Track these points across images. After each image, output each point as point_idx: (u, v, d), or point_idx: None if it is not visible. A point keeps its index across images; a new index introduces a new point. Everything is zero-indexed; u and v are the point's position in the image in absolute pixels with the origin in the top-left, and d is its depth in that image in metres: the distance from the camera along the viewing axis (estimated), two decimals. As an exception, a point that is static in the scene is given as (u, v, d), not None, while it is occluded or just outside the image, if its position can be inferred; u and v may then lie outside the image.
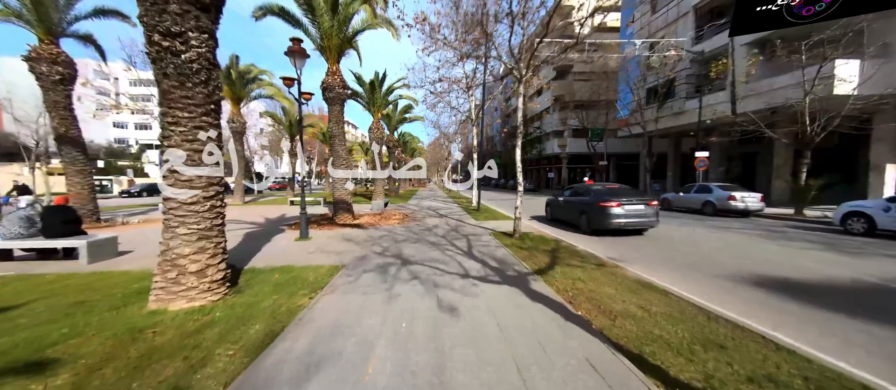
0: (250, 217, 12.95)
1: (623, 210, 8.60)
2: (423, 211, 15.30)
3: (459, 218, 12.54)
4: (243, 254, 6.49)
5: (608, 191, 9.48)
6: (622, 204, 8.63)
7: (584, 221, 9.45)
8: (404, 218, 12.43)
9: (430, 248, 7.00)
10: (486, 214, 13.47)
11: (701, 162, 16.91)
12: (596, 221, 8.94)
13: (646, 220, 8.78)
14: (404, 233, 8.92)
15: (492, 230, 9.46)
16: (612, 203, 8.65)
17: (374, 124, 21.08)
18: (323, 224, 10.65)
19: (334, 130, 11.59)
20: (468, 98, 16.93)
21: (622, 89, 23.31)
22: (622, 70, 22.86)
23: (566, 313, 3.65)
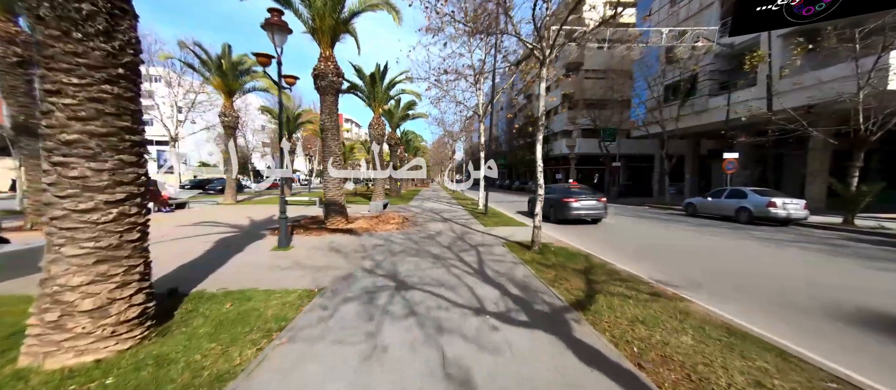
0: (233, 218, 11.73)
1: (579, 204, 11.15)
2: (426, 213, 14.02)
3: (465, 223, 11.24)
4: (199, 269, 5.23)
5: (569, 190, 12.07)
6: (579, 199, 11.22)
7: (552, 213, 11.64)
8: (404, 222, 11.15)
9: (432, 265, 5.70)
10: (495, 219, 12.16)
11: (730, 164, 15.49)
12: (560, 213, 11.38)
13: (596, 212, 11.31)
14: (402, 243, 7.64)
15: (504, 239, 8.15)
16: (571, 199, 11.22)
17: (374, 120, 19.85)
18: (311, 228, 9.40)
19: (327, 123, 10.33)
20: (475, 92, 15.64)
21: (639, 85, 21.88)
22: (640, 64, 21.42)
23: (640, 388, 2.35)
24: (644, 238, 9.22)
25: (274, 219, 11.84)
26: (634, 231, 10.49)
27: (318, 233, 8.79)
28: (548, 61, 6.54)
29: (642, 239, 9.10)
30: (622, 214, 15.09)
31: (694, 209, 14.61)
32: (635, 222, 12.48)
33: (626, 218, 13.70)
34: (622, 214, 15.09)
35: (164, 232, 8.83)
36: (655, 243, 8.47)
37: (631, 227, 11.23)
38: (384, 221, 11.10)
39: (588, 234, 9.56)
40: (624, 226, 11.56)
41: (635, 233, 10.15)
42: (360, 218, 11.73)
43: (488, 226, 10.32)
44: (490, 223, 11.07)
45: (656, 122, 19.79)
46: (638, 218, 13.77)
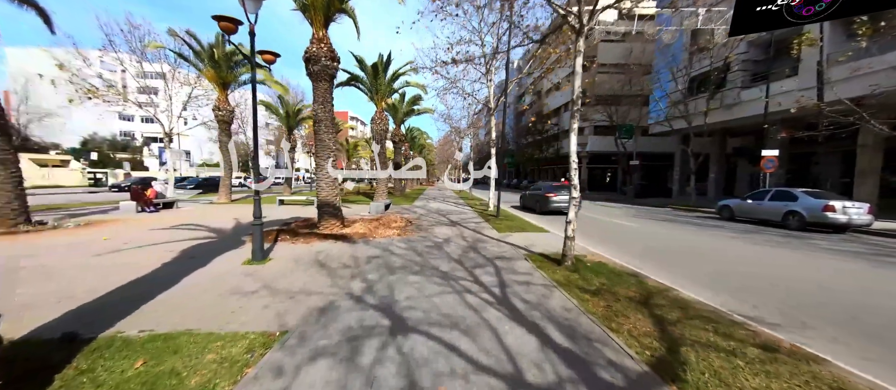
0: (220, 220, 10.57)
1: (558, 198, 13.50)
2: (431, 216, 12.74)
3: (476, 227, 9.93)
4: (136, 295, 4.00)
5: (551, 187, 14.73)
6: (558, 194, 13.65)
7: (537, 206, 14.50)
8: (407, 226, 9.89)
9: (440, 289, 4.41)
10: (509, 223, 10.83)
11: (769, 162, 13.95)
12: (543, 206, 14.09)
13: (567, 202, 14.29)
14: (403, 254, 6.36)
15: (525, 250, 6.82)
16: (552, 194, 13.76)
17: (376, 115, 18.61)
18: (300, 233, 8.17)
19: (320, 113, 9.10)
20: (486, 82, 14.30)
21: (662, 77, 20.28)
22: (663, 54, 19.84)
23: None
24: (687, 248, 7.82)
25: (266, 222, 10.68)
26: (671, 239, 9.09)
27: (307, 239, 7.56)
28: (585, 30, 5.20)
29: (686, 250, 7.70)
30: (647, 217, 13.65)
31: (730, 212, 13.11)
32: (666, 227, 11.05)
33: (654, 222, 12.27)
34: (647, 217, 13.65)
35: (130, 237, 7.68)
36: (706, 255, 7.08)
37: (664, 233, 9.82)
38: (385, 225, 9.84)
39: (617, 242, 8.19)
40: (656, 232, 10.16)
41: (673, 241, 8.75)
42: (358, 220, 10.50)
43: (503, 232, 9.00)
44: (503, 228, 9.74)
45: (682, 117, 18.22)
46: (667, 222, 12.33)
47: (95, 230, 8.72)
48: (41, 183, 30.96)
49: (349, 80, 17.62)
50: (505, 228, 9.64)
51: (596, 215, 14.10)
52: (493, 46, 13.13)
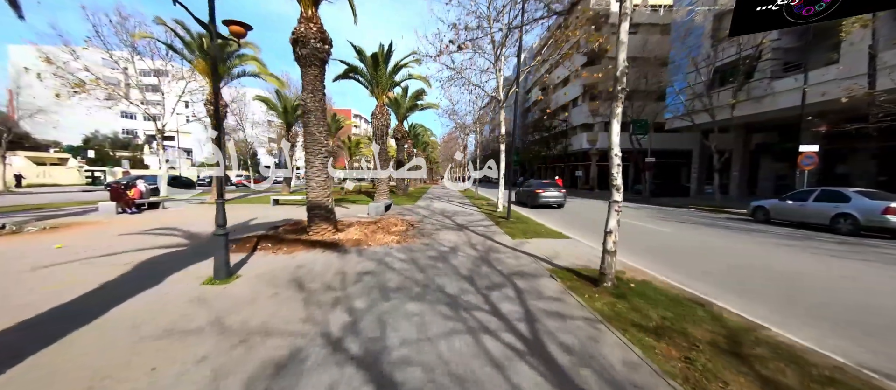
0: (203, 223, 9.56)
1: (546, 194, 15.81)
2: (435, 217, 11.63)
3: (486, 232, 8.81)
4: (38, 333, 2.95)
5: (541, 183, 16.64)
6: (546, 191, 15.88)
7: (529, 201, 16.16)
8: (408, 230, 8.80)
9: (446, 327, 3.31)
10: (523, 226, 9.69)
11: (807, 159, 12.65)
12: (533, 200, 15.99)
13: (558, 200, 15.91)
14: (402, 268, 5.27)
15: (548, 263, 5.69)
16: (541, 191, 15.90)
17: (377, 110, 17.51)
18: (285, 240, 7.11)
19: (309, 103, 8.02)
20: (495, 72, 13.14)
21: (682, 65, 18.91)
22: (682, 46, 18.50)
23: None
24: (740, 260, 6.63)
25: (252, 224, 9.68)
26: (713, 247, 7.91)
27: (291, 248, 6.49)
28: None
29: (739, 262, 6.52)
30: (672, 219, 12.42)
31: (765, 214, 11.84)
32: (700, 232, 9.86)
33: (683, 226, 11.06)
34: (672, 219, 12.42)
35: (91, 244, 6.67)
36: (769, 271, 5.90)
37: (701, 240, 8.64)
38: (383, 229, 8.77)
39: (653, 251, 7.03)
40: (691, 238, 8.97)
41: (717, 250, 7.57)
42: (354, 224, 9.43)
43: (517, 239, 7.86)
44: (517, 233, 8.61)
45: (705, 110, 16.91)
46: (697, 225, 11.12)
47: (59, 235, 7.73)
48: (37, 181, 30.36)
49: (347, 72, 16.54)
50: (519, 233, 8.50)
51: (625, 220, 12.92)
52: (503, 32, 11.95)
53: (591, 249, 6.84)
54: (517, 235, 8.26)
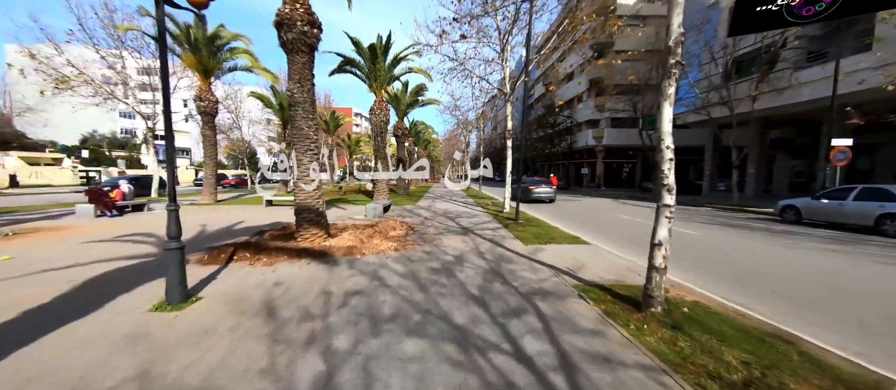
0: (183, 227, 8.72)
1: (538, 190, 17.81)
2: (437, 219, 10.76)
3: (495, 237, 7.92)
4: None
5: (533, 180, 19.21)
6: (538, 187, 17.91)
7: (522, 196, 16.09)
8: (407, 235, 7.93)
9: (456, 382, 2.44)
10: (534, 229, 8.80)
11: (840, 154, 11.69)
12: (525, 196, 17.27)
13: (549, 195, 17.98)
14: (399, 286, 4.40)
15: (572, 277, 4.81)
16: (534, 187, 17.92)
17: (375, 105, 16.62)
18: (267, 248, 6.25)
19: (296, 94, 7.15)
20: (501, 63, 12.23)
21: (697, 57, 17.90)
22: (698, 35, 17.48)
23: None
24: (797, 271, 5.73)
25: (239, 228, 8.82)
26: (752, 253, 7.02)
27: (272, 259, 5.62)
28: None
29: (797, 273, 5.62)
30: (692, 219, 11.49)
31: (796, 214, 10.90)
32: (730, 235, 8.95)
33: (708, 227, 10.15)
34: (692, 219, 11.49)
35: (48, 255, 5.84)
36: (838, 285, 5.00)
37: (736, 245, 7.74)
38: (381, 234, 7.91)
39: (692, 260, 6.14)
40: (724, 242, 8.07)
41: (761, 258, 6.68)
42: (349, 227, 8.57)
43: (531, 244, 6.98)
44: (530, 237, 7.72)
45: (723, 103, 15.92)
46: (722, 227, 10.21)
47: (19, 243, 6.91)
48: (29, 182, 29.68)
49: (343, 65, 15.66)
50: (531, 238, 7.61)
51: (635, 218, 12.01)
52: (509, 19, 11.03)
53: (618, 259, 5.95)
54: (530, 240, 7.37)
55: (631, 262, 5.63)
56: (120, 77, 18.95)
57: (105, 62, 18.25)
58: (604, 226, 10.35)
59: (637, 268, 5.17)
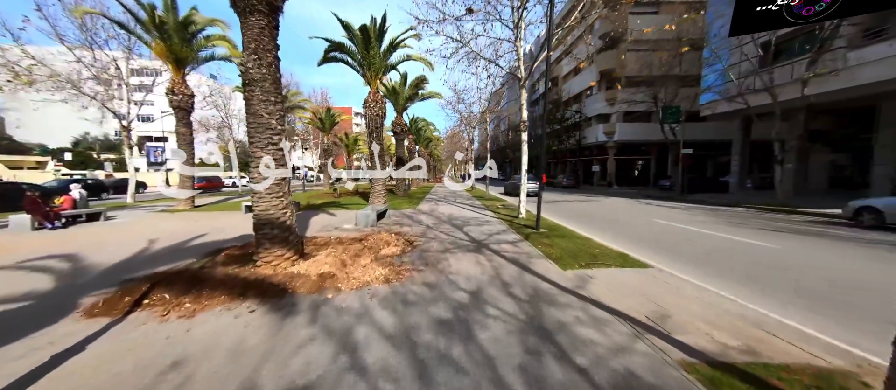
0: (126, 243, 6.91)
1: (528, 186, 14.56)
2: (441, 227, 8.93)
3: (517, 255, 6.07)
4: None
5: (519, 178, 17.08)
6: (528, 184, 14.33)
7: (515, 191, 18.16)
8: (404, 252, 6.11)
9: None
10: (566, 243, 6.94)
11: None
12: (515, 190, 18.17)
13: (535, 190, 17.84)
14: (383, 361, 2.58)
15: (670, 341, 2.97)
16: (521, 184, 14.30)
17: (370, 97, 14.79)
18: (207, 277, 4.43)
19: (252, 69, 5.34)
20: (514, 42, 10.38)
21: (724, 37, 15.92)
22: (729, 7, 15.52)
23: None
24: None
25: (189, 246, 6.87)
26: (864, 278, 5.14)
27: (200, 301, 3.79)
28: None
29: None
30: (743, 225, 9.58)
31: (878, 217, 9.00)
32: (815, 247, 7.07)
33: (775, 236, 8.25)
34: (743, 225, 9.58)
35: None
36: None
37: (835, 265, 5.87)
38: (370, 251, 6.10)
39: (804, 294, 4.28)
40: (819, 259, 6.19)
41: (886, 286, 4.81)
42: (331, 243, 6.76)
43: (571, 269, 5.12)
44: (564, 255, 5.87)
45: (765, 89, 13.99)
46: (793, 236, 8.32)
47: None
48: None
49: (331, 51, 13.84)
50: (566, 257, 5.76)
51: (673, 222, 10.13)
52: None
53: (714, 297, 4.07)
54: (566, 261, 5.52)
55: (744, 308, 3.73)
56: (89, 72, 17.19)
57: (74, 54, 16.51)
58: (644, 234, 8.48)
59: (764, 322, 3.31)
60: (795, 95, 13.38)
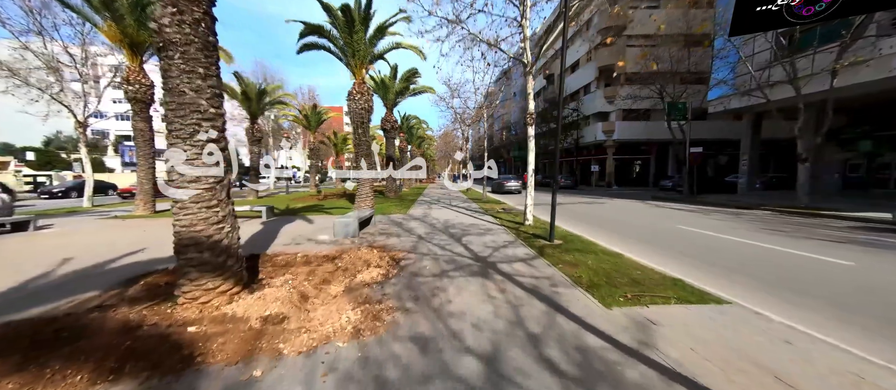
0: (33, 259, 5.27)
1: (508, 183, 23.25)
2: (435, 238, 7.44)
3: (536, 282, 4.61)
4: None
5: (507, 177, 25.79)
6: (509, 181, 23.74)
7: (499, 189, 22.73)
8: (386, 279, 4.58)
9: None
10: (593, 261, 5.53)
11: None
12: (499, 189, 23.34)
13: (516, 187, 22.99)
14: None
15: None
16: (505, 182, 23.69)
17: (355, 88, 13.25)
18: (89, 328, 2.87)
19: (169, 30, 3.78)
20: (520, 21, 8.96)
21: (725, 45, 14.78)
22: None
23: None
24: None
25: (113, 268, 5.18)
26: None
27: (51, 383, 2.26)
28: None
29: None
30: (778, 232, 8.29)
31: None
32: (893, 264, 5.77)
33: (845, 249, 6.96)
34: (778, 232, 8.29)
35: None
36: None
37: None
38: (344, 275, 4.58)
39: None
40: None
41: None
42: (293, 264, 5.23)
43: (617, 306, 3.69)
44: (599, 282, 4.44)
45: (789, 81, 12.84)
46: (863, 248, 7.04)
47: None
48: None
49: (308, 34, 12.24)
50: (601, 282, 4.33)
51: (702, 229, 8.81)
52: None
53: (860, 364, 2.68)
54: (604, 290, 4.08)
55: None
56: (46, 59, 15.30)
57: (19, 40, 14.63)
58: (679, 246, 7.12)
59: None
60: (822, 88, 12.24)
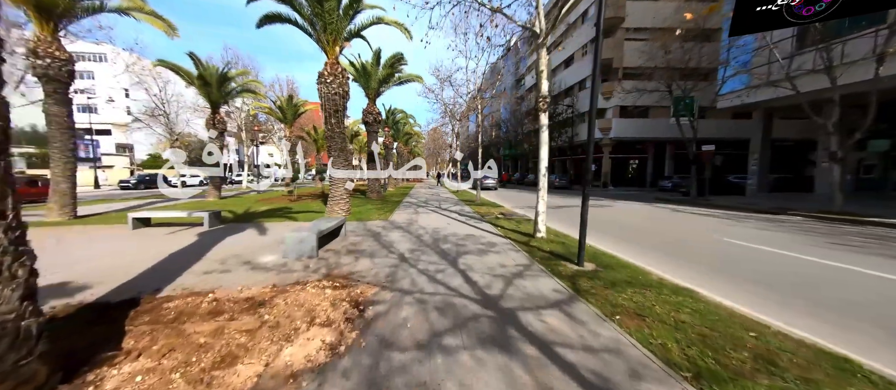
0: None
1: (486, 181, 25.88)
2: (422, 260, 5.41)
3: (597, 362, 2.67)
4: None
5: (485, 176, 24.28)
6: (487, 179, 26.03)
7: (479, 187, 18.55)
8: (337, 345, 2.46)
9: None
10: (667, 310, 3.63)
11: None
12: (481, 186, 20.36)
13: (494, 184, 27.70)
14: None
15: None
16: (484, 179, 25.23)
17: (326, 70, 11.04)
18: None
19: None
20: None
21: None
22: None
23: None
24: None
25: None
26: None
27: None
28: None
29: None
30: (821, 242, 6.62)
31: None
32: None
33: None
34: (821, 242, 6.62)
35: None
36: None
37: None
38: (261, 342, 2.48)
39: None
40: None
41: None
42: (190, 318, 3.07)
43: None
44: (692, 352, 2.53)
45: (824, 69, 11.37)
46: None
47: None
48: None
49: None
50: (704, 356, 2.42)
51: (752, 242, 7.07)
52: None
53: None
54: (723, 386, 2.17)
55: None
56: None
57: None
58: (756, 274, 5.31)
59: None
60: (865, 77, 10.78)
